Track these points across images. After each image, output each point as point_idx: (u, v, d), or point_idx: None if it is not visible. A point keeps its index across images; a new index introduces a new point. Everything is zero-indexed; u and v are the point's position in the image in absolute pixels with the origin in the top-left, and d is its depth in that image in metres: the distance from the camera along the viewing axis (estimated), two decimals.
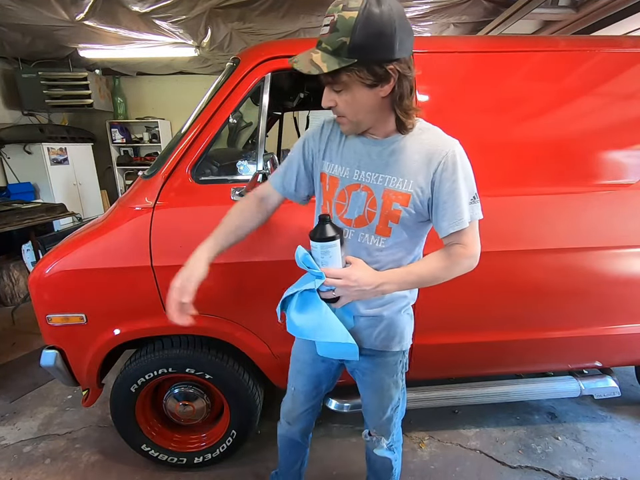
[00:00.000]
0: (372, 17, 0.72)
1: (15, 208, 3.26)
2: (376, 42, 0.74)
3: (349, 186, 0.93)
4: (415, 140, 0.88)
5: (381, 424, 1.15)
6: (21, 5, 2.77)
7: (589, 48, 1.43)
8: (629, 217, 1.45)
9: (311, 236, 0.88)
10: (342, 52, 0.75)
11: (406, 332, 1.06)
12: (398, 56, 0.76)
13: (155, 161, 1.51)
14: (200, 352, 1.47)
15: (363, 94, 0.80)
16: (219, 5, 2.90)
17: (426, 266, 0.91)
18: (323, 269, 0.87)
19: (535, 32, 3.51)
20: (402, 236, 0.92)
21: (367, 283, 0.87)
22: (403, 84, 0.80)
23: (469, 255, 0.90)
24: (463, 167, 0.86)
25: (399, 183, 0.87)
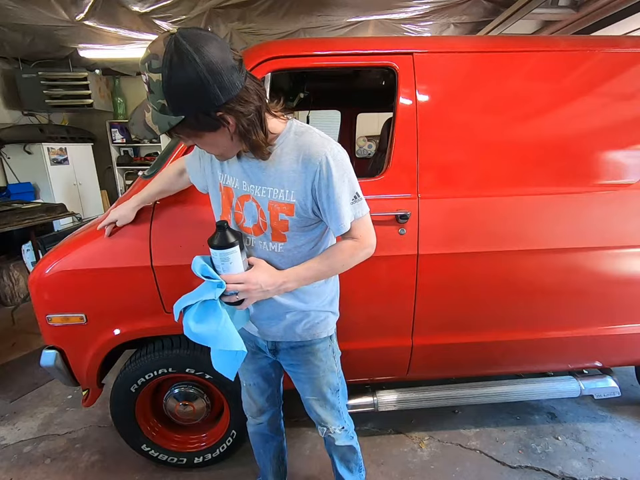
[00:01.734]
0: (176, 77, 0.69)
1: (15, 208, 3.26)
2: (192, 97, 0.71)
3: (240, 197, 0.95)
4: (292, 147, 0.87)
5: (327, 414, 1.17)
6: (20, 4, 2.78)
7: (589, 48, 1.43)
8: (629, 216, 1.45)
9: (209, 243, 0.88)
10: (167, 111, 0.74)
11: (330, 319, 1.10)
12: (224, 100, 0.73)
13: (154, 161, 1.51)
14: (200, 352, 1.46)
15: (209, 137, 0.81)
16: (219, 5, 2.90)
17: (323, 261, 0.95)
18: (224, 275, 0.89)
19: (534, 32, 3.51)
20: (299, 239, 0.95)
21: (268, 284, 0.91)
22: (242, 122, 0.78)
23: (362, 247, 0.95)
24: (338, 171, 0.86)
25: (281, 194, 0.89)
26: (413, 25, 3.42)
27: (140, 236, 1.32)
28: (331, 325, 1.12)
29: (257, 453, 1.39)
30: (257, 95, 0.80)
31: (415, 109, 1.37)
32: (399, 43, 1.43)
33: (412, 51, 1.37)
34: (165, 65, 0.69)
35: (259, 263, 0.93)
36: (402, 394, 1.68)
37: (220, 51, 0.71)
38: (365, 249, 0.95)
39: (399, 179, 1.38)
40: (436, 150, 1.39)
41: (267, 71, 1.34)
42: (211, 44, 0.71)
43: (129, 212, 1.29)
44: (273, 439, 1.36)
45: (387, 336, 1.52)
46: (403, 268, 1.40)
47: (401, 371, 1.61)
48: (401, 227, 1.37)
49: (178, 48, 0.68)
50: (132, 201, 1.28)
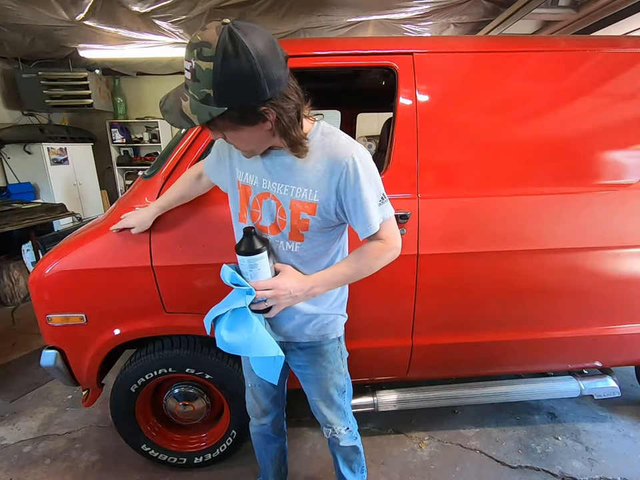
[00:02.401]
0: (229, 65, 0.67)
1: (15, 208, 3.26)
2: (240, 89, 0.71)
3: (259, 194, 0.94)
4: (317, 147, 0.87)
5: (333, 415, 1.17)
6: (20, 4, 2.78)
7: (589, 48, 1.43)
8: (629, 216, 1.45)
9: (236, 250, 0.88)
10: (210, 102, 0.72)
11: (339, 320, 1.10)
12: (269, 95, 0.73)
13: (154, 161, 1.51)
14: (200, 352, 1.47)
15: (246, 131, 0.80)
16: (219, 5, 2.90)
17: (350, 265, 0.94)
18: (252, 282, 0.89)
19: (534, 32, 3.51)
20: (316, 240, 0.94)
21: (297, 289, 0.90)
22: (283, 118, 0.78)
23: (389, 248, 0.94)
24: (365, 173, 0.85)
25: (304, 193, 0.88)
26: (413, 25, 3.42)
27: (140, 236, 1.32)
28: (339, 327, 1.11)
29: (259, 453, 1.39)
30: (297, 93, 0.80)
31: (415, 109, 1.37)
32: (399, 43, 1.43)
33: (412, 51, 1.37)
34: (218, 54, 0.67)
35: (286, 268, 0.93)
36: (402, 394, 1.68)
37: (271, 45, 0.71)
38: (391, 251, 0.95)
39: (398, 179, 1.38)
40: (436, 150, 1.39)
41: None
42: (264, 37, 0.71)
43: (147, 219, 1.26)
44: (275, 441, 1.35)
45: (387, 336, 1.52)
46: (402, 268, 1.40)
47: (401, 371, 1.61)
48: (401, 227, 1.37)
49: (232, 38, 0.67)
50: (151, 209, 1.26)
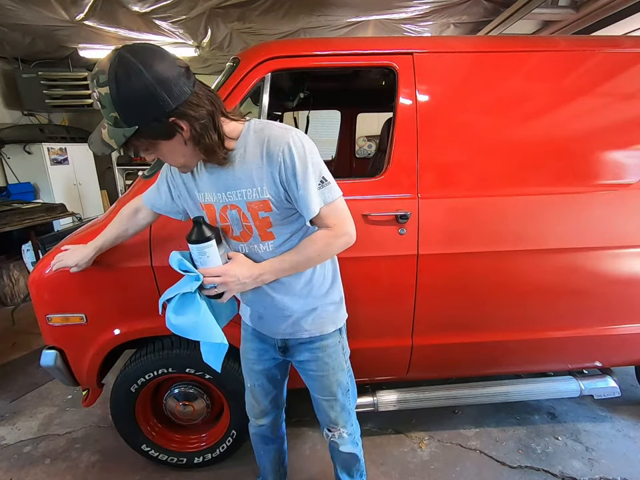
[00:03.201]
0: (123, 88, 0.72)
1: (15, 208, 3.26)
2: (142, 107, 0.74)
3: (222, 208, 0.95)
4: (254, 144, 0.88)
5: (336, 415, 1.16)
6: (21, 4, 2.78)
7: (589, 48, 1.43)
8: (629, 216, 1.45)
9: (187, 239, 0.91)
10: (120, 124, 0.76)
11: (337, 311, 1.10)
12: (174, 105, 0.75)
13: (154, 161, 1.50)
14: (200, 352, 1.46)
15: (167, 145, 0.82)
16: (219, 5, 2.90)
17: (299, 252, 0.94)
18: (201, 269, 0.91)
19: (535, 32, 3.51)
20: (286, 232, 0.95)
21: (245, 276, 0.92)
22: (195, 127, 0.79)
23: (337, 234, 0.93)
24: (300, 157, 0.85)
25: (255, 193, 0.89)
26: (413, 25, 3.42)
27: (140, 236, 1.32)
28: (339, 319, 1.11)
29: (258, 454, 1.39)
30: (209, 100, 0.81)
31: (415, 109, 1.37)
32: (399, 43, 1.43)
33: (412, 51, 1.37)
34: (111, 78, 0.72)
35: (237, 256, 0.95)
36: (402, 394, 1.68)
37: (164, 59, 0.75)
38: (342, 237, 0.93)
39: (398, 179, 1.38)
40: (436, 150, 1.39)
41: (266, 71, 1.34)
42: (155, 54, 0.75)
43: (86, 260, 1.23)
44: (274, 441, 1.35)
45: (387, 336, 1.52)
46: (403, 268, 1.40)
47: (401, 371, 1.61)
48: (401, 227, 1.37)
49: (122, 61, 0.72)
50: (89, 249, 1.23)
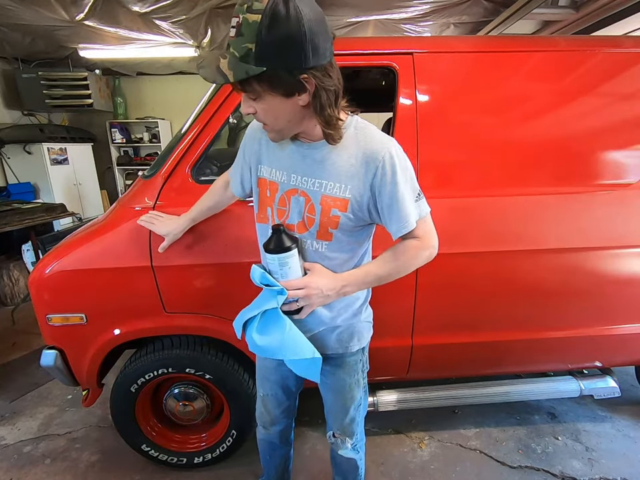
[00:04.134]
0: (276, 21, 0.65)
1: (15, 208, 3.26)
2: (283, 50, 0.68)
3: (287, 191, 0.89)
4: (351, 141, 0.84)
5: (344, 425, 1.14)
6: (21, 5, 2.78)
7: (589, 48, 1.43)
8: (629, 216, 1.45)
9: (265, 248, 0.85)
10: (249, 59, 0.69)
11: (364, 330, 1.07)
12: (312, 64, 0.70)
13: (155, 161, 1.51)
14: (200, 352, 1.46)
15: (279, 103, 0.75)
16: (219, 5, 2.90)
17: (383, 265, 0.90)
18: (283, 282, 0.85)
19: (535, 32, 3.51)
20: (344, 240, 0.90)
21: (329, 288, 0.87)
22: (321, 94, 0.74)
23: (425, 247, 0.90)
24: (402, 168, 0.83)
25: (336, 189, 0.84)
26: (413, 24, 3.42)
27: (140, 236, 1.32)
28: (364, 337, 1.07)
29: (264, 458, 1.37)
30: (338, 78, 0.78)
31: (415, 109, 1.37)
32: (399, 43, 1.43)
33: (412, 51, 1.37)
34: (268, 9, 0.65)
35: (316, 267, 0.88)
36: (402, 394, 1.68)
37: (321, 17, 0.71)
38: (428, 250, 0.90)
39: None
40: (436, 150, 1.39)
41: None
42: (316, 8, 0.70)
43: (178, 231, 1.22)
44: (281, 449, 1.33)
45: (387, 336, 1.51)
46: None
47: (401, 371, 1.61)
48: None
49: (286, 0, 0.66)
50: (182, 220, 1.22)
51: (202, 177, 1.39)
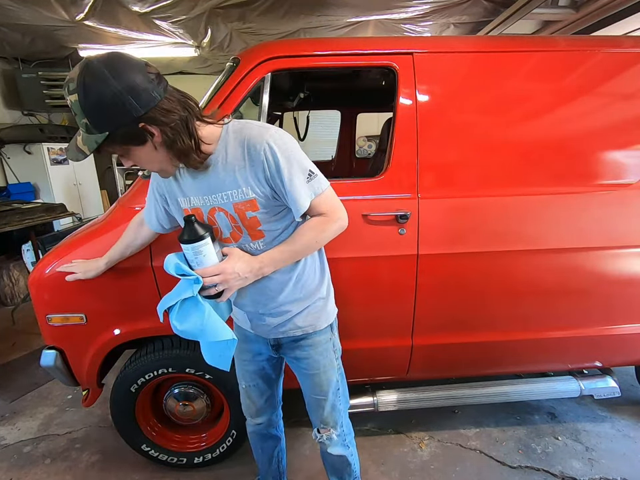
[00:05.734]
0: (89, 93, 0.73)
1: (15, 208, 3.26)
2: (110, 112, 0.74)
3: (209, 211, 0.95)
4: (235, 145, 0.88)
5: (326, 415, 1.15)
6: (21, 4, 2.78)
7: (589, 48, 1.43)
8: (629, 216, 1.45)
9: (179, 239, 0.88)
10: (92, 130, 0.77)
11: (327, 307, 1.09)
12: (143, 111, 0.75)
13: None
14: (200, 352, 1.46)
15: (141, 151, 0.83)
16: (219, 5, 2.90)
17: (297, 240, 0.94)
18: (199, 270, 0.89)
19: (535, 32, 3.51)
20: (275, 229, 0.95)
21: (245, 271, 0.91)
22: (167, 132, 0.79)
23: (331, 220, 0.94)
24: (283, 154, 0.86)
25: (241, 194, 0.89)
26: (413, 24, 3.42)
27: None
28: (330, 314, 1.11)
29: (256, 452, 1.39)
30: (181, 105, 0.81)
31: (415, 109, 1.37)
32: (399, 43, 1.43)
33: (412, 51, 1.37)
34: (79, 85, 0.73)
35: (233, 251, 0.93)
36: (402, 394, 1.68)
37: (132, 66, 0.76)
38: (336, 222, 0.95)
39: (398, 179, 1.38)
40: (436, 150, 1.39)
41: (267, 71, 1.34)
42: (122, 61, 0.75)
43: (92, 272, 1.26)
44: (271, 439, 1.35)
45: (387, 336, 1.52)
46: (402, 268, 1.40)
47: (401, 371, 1.61)
48: (401, 227, 1.37)
49: (89, 69, 0.74)
50: (99, 262, 1.27)
51: None
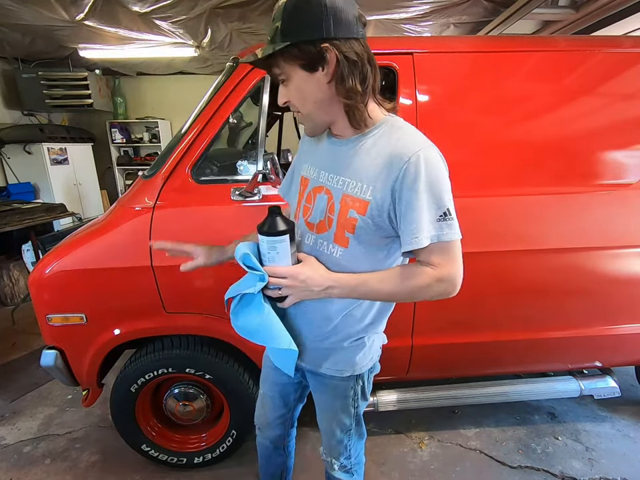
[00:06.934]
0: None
1: (15, 208, 3.26)
2: (303, 21, 0.72)
3: (315, 188, 0.88)
4: (384, 139, 0.79)
5: (332, 446, 1.07)
6: (21, 5, 2.78)
7: (589, 48, 1.43)
8: (629, 216, 1.45)
9: (258, 228, 0.82)
10: (276, 37, 0.74)
11: (358, 358, 0.94)
12: (332, 35, 0.72)
13: (154, 161, 1.51)
14: (200, 352, 1.47)
15: (305, 79, 0.77)
16: (219, 5, 2.90)
17: (385, 281, 0.80)
18: (268, 267, 0.81)
19: (535, 32, 3.51)
20: (360, 250, 0.82)
21: (315, 284, 0.80)
22: (345, 65, 0.74)
23: (437, 277, 0.76)
24: (428, 177, 0.73)
25: (357, 188, 0.79)
26: (413, 25, 3.41)
27: (140, 236, 1.32)
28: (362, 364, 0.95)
29: (260, 462, 1.31)
30: (370, 63, 0.77)
31: (415, 109, 1.37)
32: (399, 43, 1.43)
33: (412, 51, 1.37)
34: None
35: (309, 259, 0.83)
36: (402, 394, 1.68)
37: (350, 0, 0.74)
38: (440, 283, 0.76)
39: None
40: None
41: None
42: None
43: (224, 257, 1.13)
44: (277, 456, 1.26)
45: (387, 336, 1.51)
46: None
47: (401, 371, 1.61)
48: None
49: None
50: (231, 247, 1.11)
51: (202, 177, 1.39)
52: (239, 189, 1.35)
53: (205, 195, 1.36)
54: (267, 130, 2.45)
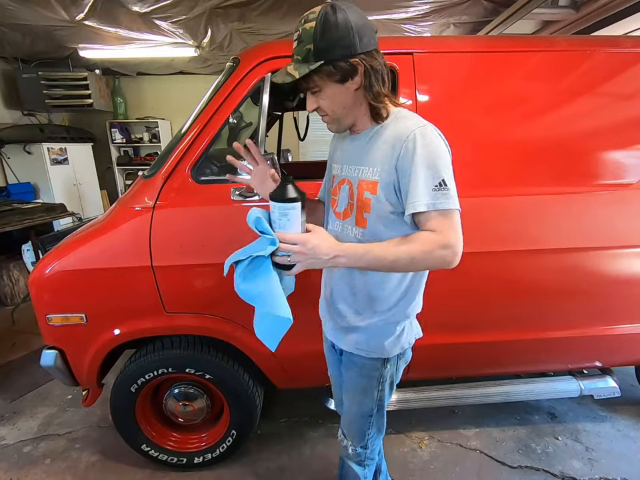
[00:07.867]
0: (327, 22, 0.81)
1: (15, 208, 3.25)
2: (335, 42, 0.82)
3: (340, 181, 0.99)
4: (389, 128, 0.90)
5: (350, 427, 1.12)
6: (21, 5, 2.78)
7: (589, 48, 1.43)
8: (629, 216, 1.45)
9: (270, 195, 0.86)
10: (310, 58, 0.83)
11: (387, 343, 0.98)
12: (359, 50, 0.83)
13: (154, 161, 1.51)
14: (200, 352, 1.47)
15: (337, 90, 0.87)
16: (219, 5, 2.90)
17: (388, 247, 0.84)
18: (279, 233, 0.83)
19: (535, 32, 3.51)
20: (378, 227, 0.90)
21: (322, 252, 0.82)
22: (372, 74, 0.85)
23: (438, 241, 0.81)
24: (425, 149, 0.81)
25: (369, 173, 0.90)
26: (413, 25, 3.41)
27: (140, 236, 1.32)
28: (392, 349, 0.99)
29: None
30: (384, 63, 0.88)
31: (415, 109, 1.37)
32: (399, 43, 1.43)
33: (412, 51, 1.37)
34: (320, 16, 0.81)
35: (318, 229, 0.86)
36: (402, 394, 1.68)
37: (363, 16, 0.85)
38: (445, 249, 0.81)
39: None
40: None
41: (267, 71, 1.34)
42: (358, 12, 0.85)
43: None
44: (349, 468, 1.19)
45: None
46: None
47: None
48: None
49: (332, 7, 0.82)
50: None
51: (202, 177, 1.39)
52: (238, 188, 1.35)
53: (204, 194, 1.36)
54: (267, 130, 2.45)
